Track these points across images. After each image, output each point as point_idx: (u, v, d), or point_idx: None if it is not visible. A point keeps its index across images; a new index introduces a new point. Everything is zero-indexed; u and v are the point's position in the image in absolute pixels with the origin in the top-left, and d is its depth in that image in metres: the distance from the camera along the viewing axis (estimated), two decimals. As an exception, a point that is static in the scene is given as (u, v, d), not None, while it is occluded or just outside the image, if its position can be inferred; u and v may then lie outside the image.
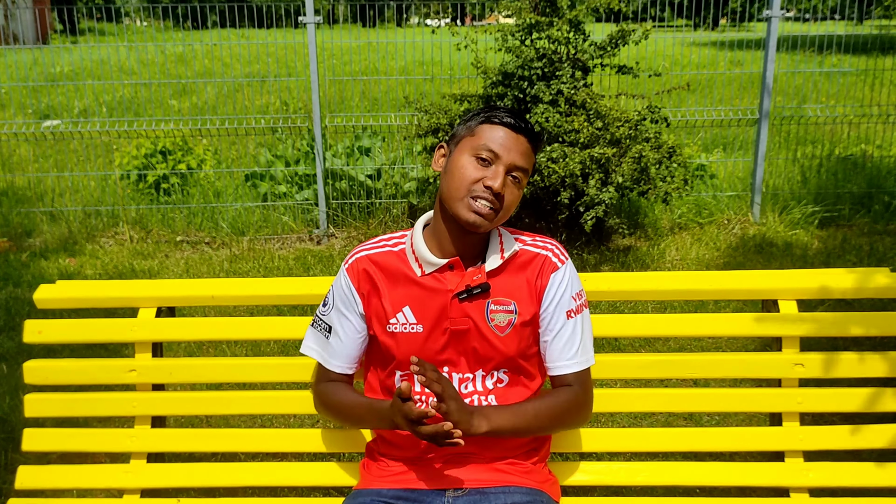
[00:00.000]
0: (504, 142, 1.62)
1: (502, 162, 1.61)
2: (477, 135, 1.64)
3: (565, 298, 1.69)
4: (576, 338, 1.70)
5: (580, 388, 1.70)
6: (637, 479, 1.89)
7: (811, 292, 1.93)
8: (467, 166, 1.62)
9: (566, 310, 1.69)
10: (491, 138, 1.63)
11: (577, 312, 1.71)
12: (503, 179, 1.60)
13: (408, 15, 11.85)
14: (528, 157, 1.65)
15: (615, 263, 5.08)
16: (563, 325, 1.69)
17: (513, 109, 1.68)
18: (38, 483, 1.98)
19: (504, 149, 1.62)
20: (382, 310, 1.69)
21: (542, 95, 4.88)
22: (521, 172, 1.64)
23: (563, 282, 1.69)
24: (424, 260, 1.67)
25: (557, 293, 1.69)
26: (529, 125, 1.66)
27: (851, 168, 6.40)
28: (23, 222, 6.06)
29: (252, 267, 5.24)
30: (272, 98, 9.15)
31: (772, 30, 5.67)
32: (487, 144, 1.62)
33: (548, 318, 1.69)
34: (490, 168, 1.61)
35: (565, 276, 1.70)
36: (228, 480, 1.96)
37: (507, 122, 1.63)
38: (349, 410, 1.73)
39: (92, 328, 2.02)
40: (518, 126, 1.64)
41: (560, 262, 1.71)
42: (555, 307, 1.69)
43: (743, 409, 1.96)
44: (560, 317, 1.69)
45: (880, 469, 1.87)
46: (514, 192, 1.65)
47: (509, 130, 1.63)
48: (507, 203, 1.63)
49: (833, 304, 3.71)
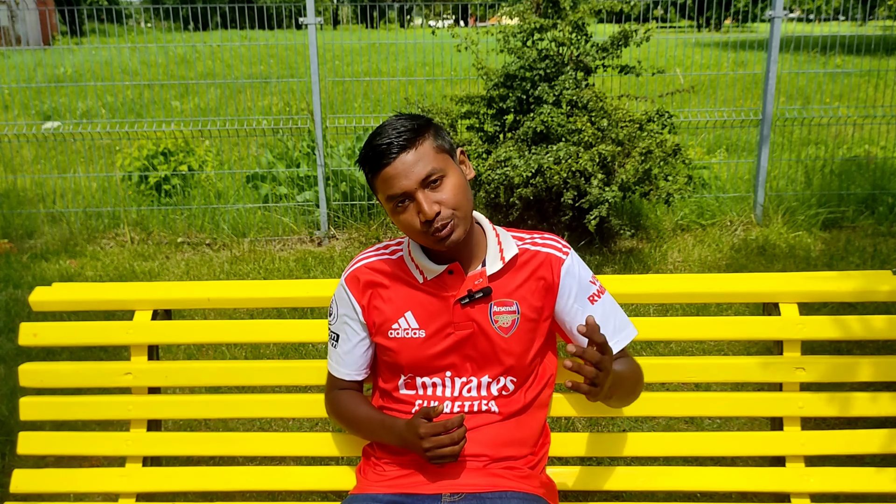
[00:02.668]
0: (395, 180, 1.53)
1: (411, 191, 1.54)
2: (379, 190, 1.59)
3: (583, 286, 1.69)
4: (608, 318, 1.69)
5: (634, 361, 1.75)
6: (637, 484, 1.88)
7: (813, 295, 1.91)
8: (402, 220, 1.57)
9: (587, 296, 1.69)
10: (387, 187, 1.55)
11: (599, 295, 1.70)
12: (427, 202, 1.53)
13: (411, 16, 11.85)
14: (424, 160, 1.54)
15: (617, 265, 5.06)
16: (590, 312, 1.68)
17: (372, 138, 1.56)
18: (34, 487, 1.96)
19: (401, 182, 1.53)
20: (384, 316, 1.69)
21: (546, 96, 4.87)
22: (435, 173, 1.55)
23: (574, 272, 1.69)
24: (424, 267, 1.66)
25: (573, 285, 1.68)
26: (396, 138, 1.54)
27: (855, 169, 6.37)
28: (24, 224, 6.06)
29: (252, 269, 5.23)
30: (275, 99, 9.15)
31: (775, 30, 5.65)
32: (389, 193, 1.56)
33: (573, 311, 1.68)
34: (411, 205, 1.56)
35: (574, 265, 1.70)
36: (225, 484, 1.95)
37: (378, 162, 1.54)
38: (361, 423, 1.74)
39: (87, 331, 2.01)
40: (388, 154, 1.53)
41: (564, 255, 1.70)
42: (575, 298, 1.68)
43: (744, 413, 1.94)
44: (584, 305, 1.68)
45: (882, 474, 1.85)
46: (447, 185, 1.56)
47: (386, 166, 1.54)
48: (451, 201, 1.55)
49: (835, 308, 3.69)
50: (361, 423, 1.74)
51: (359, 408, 1.75)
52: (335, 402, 1.80)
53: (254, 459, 2.81)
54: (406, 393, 1.71)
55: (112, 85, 8.57)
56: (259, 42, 7.37)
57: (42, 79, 9.23)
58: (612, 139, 4.81)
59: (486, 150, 5.11)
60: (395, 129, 1.55)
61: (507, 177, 4.78)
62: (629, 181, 4.75)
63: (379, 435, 1.71)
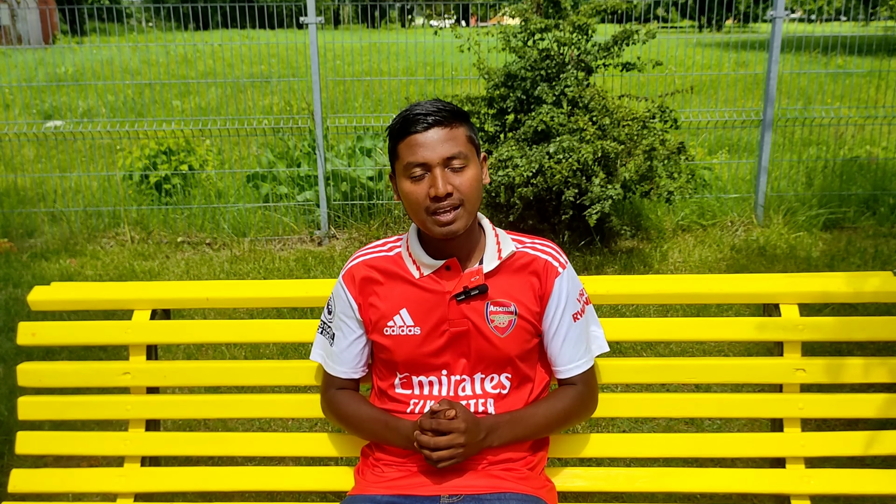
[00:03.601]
0: (422, 148, 1.56)
1: (432, 165, 1.56)
2: (400, 156, 1.59)
3: (570, 302, 1.70)
4: (582, 339, 1.72)
5: (584, 386, 1.73)
6: (636, 485, 1.87)
7: (813, 296, 1.91)
8: (410, 191, 1.58)
9: (572, 313, 1.70)
10: (409, 152, 1.57)
11: (581, 313, 1.72)
12: (443, 179, 1.55)
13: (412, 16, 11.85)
14: (453, 141, 1.57)
15: (618, 265, 5.05)
16: (568, 328, 1.69)
17: (412, 107, 1.59)
18: (32, 486, 1.96)
19: (425, 152, 1.56)
20: (379, 313, 1.69)
21: (545, 96, 4.86)
22: (459, 158, 1.57)
23: (566, 287, 1.69)
24: (421, 262, 1.67)
25: (562, 299, 1.68)
26: (434, 113, 1.57)
27: (856, 170, 6.36)
28: (24, 223, 6.06)
29: (252, 268, 5.23)
30: (275, 99, 9.14)
31: (776, 31, 5.64)
32: (410, 160, 1.57)
33: (555, 324, 1.69)
34: (426, 178, 1.57)
35: (567, 280, 1.70)
36: (224, 485, 1.94)
37: (410, 127, 1.56)
38: (364, 424, 1.73)
39: (86, 331, 2.00)
40: (424, 122, 1.56)
41: (561, 267, 1.70)
42: (561, 313, 1.69)
43: (744, 414, 1.93)
44: (566, 321, 1.69)
45: (882, 476, 1.84)
46: (466, 174, 1.58)
47: (417, 133, 1.56)
48: (464, 190, 1.57)
49: (836, 309, 3.68)
50: (364, 424, 1.73)
51: (360, 408, 1.74)
52: (333, 401, 1.79)
53: (253, 459, 2.81)
54: (402, 392, 1.71)
55: (113, 84, 8.56)
56: (260, 41, 7.36)
57: (43, 78, 9.23)
58: (613, 138, 4.81)
59: (486, 151, 5.10)
60: (435, 105, 1.58)
61: (509, 177, 4.78)
62: (631, 179, 4.74)
63: (383, 436, 1.70)
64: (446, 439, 1.55)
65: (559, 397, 1.72)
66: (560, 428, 1.74)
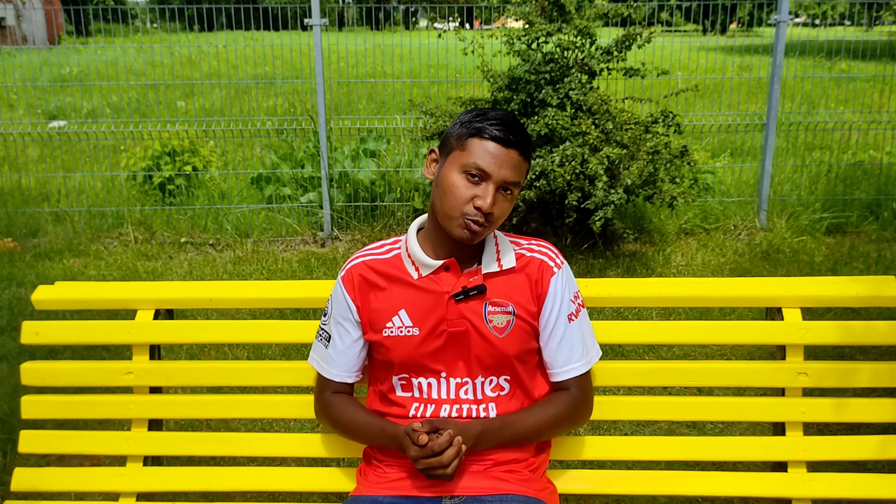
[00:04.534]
0: (494, 158, 1.57)
1: (492, 180, 1.57)
2: (467, 150, 1.59)
3: (565, 302, 1.70)
4: (578, 341, 1.71)
5: (578, 391, 1.72)
6: (638, 488, 1.87)
7: (816, 300, 1.91)
8: (458, 185, 1.58)
9: (567, 314, 1.70)
10: (480, 155, 1.57)
11: (576, 315, 1.71)
12: (493, 198, 1.57)
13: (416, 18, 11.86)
14: (519, 170, 1.60)
15: (620, 268, 5.05)
16: (565, 329, 1.69)
17: (504, 117, 1.60)
18: (34, 485, 1.96)
19: (494, 166, 1.57)
20: (378, 314, 1.69)
21: (550, 99, 4.87)
22: (513, 186, 1.60)
23: (561, 286, 1.70)
24: (420, 262, 1.67)
25: (558, 298, 1.69)
26: (520, 135, 1.60)
27: (860, 174, 6.36)
28: (28, 222, 6.07)
29: (255, 269, 5.23)
30: (280, 100, 9.16)
31: (780, 35, 5.64)
32: (477, 162, 1.57)
33: (550, 324, 1.69)
34: (480, 186, 1.58)
35: (563, 279, 1.70)
36: (226, 485, 1.94)
37: (497, 136, 1.57)
38: (359, 429, 1.73)
39: (89, 330, 2.01)
40: (508, 140, 1.57)
41: (557, 267, 1.71)
42: (557, 313, 1.68)
43: (746, 418, 1.93)
44: (562, 322, 1.69)
45: (884, 480, 1.84)
46: (505, 205, 1.61)
47: (499, 145, 1.57)
48: (496, 217, 1.60)
49: (838, 313, 3.68)
50: (360, 429, 1.73)
51: (356, 414, 1.74)
52: (328, 406, 1.78)
53: (255, 460, 2.81)
54: (402, 395, 1.71)
55: (118, 85, 8.58)
56: (264, 43, 7.38)
57: (48, 78, 9.25)
58: (616, 142, 4.81)
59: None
60: (522, 129, 1.62)
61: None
62: (634, 184, 4.74)
63: (380, 441, 1.70)
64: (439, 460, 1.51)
65: (551, 402, 1.70)
66: (552, 434, 1.73)
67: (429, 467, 1.51)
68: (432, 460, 1.50)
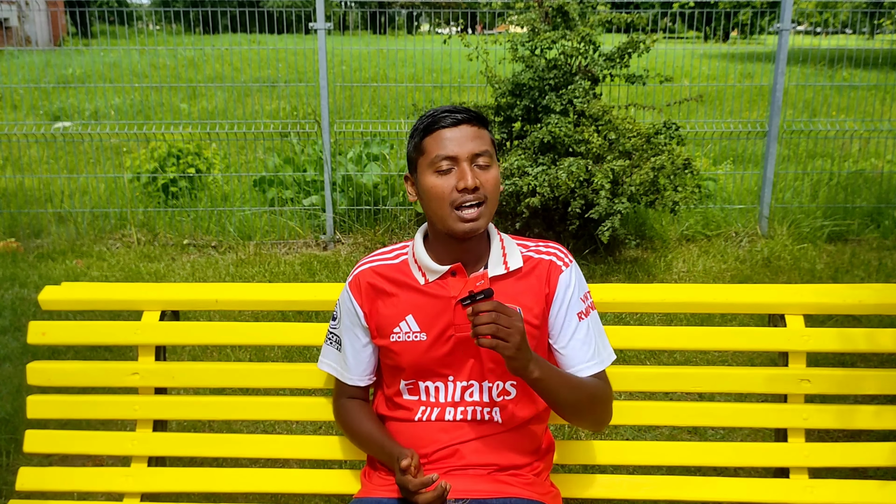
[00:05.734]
0: (451, 141, 1.60)
1: (461, 159, 1.60)
2: (426, 151, 1.62)
3: (574, 300, 1.69)
4: (590, 339, 1.70)
5: (604, 383, 1.72)
6: (640, 493, 1.88)
7: (818, 307, 1.92)
8: (435, 184, 1.61)
9: (577, 312, 1.69)
10: (438, 146, 1.61)
11: (586, 314, 1.71)
12: (472, 173, 1.59)
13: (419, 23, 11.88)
14: (480, 139, 1.62)
15: (622, 274, 5.06)
16: (576, 327, 1.68)
17: (441, 108, 1.64)
18: (39, 485, 1.97)
19: (455, 146, 1.60)
20: (386, 320, 1.70)
21: (553, 105, 4.88)
22: (485, 156, 1.62)
23: (570, 284, 1.69)
24: (427, 268, 1.68)
25: (566, 296, 1.68)
26: (464, 112, 1.62)
27: (861, 183, 6.37)
28: (31, 223, 6.08)
29: (258, 272, 5.24)
30: (282, 103, 9.18)
31: (782, 43, 5.66)
32: (439, 153, 1.60)
33: (560, 323, 1.68)
34: (453, 172, 1.60)
35: (572, 278, 1.70)
36: (229, 486, 1.95)
37: (443, 122, 1.61)
38: (363, 440, 1.77)
39: (95, 331, 2.02)
40: (455, 119, 1.61)
41: (565, 265, 1.70)
42: (566, 311, 1.68)
43: (748, 424, 1.94)
44: (572, 320, 1.69)
45: (885, 488, 1.85)
46: (490, 174, 1.62)
47: (449, 128, 1.61)
48: (488, 188, 1.61)
49: (839, 321, 3.69)
50: (363, 440, 1.77)
51: (363, 424, 1.76)
52: (342, 411, 1.81)
53: (257, 461, 2.82)
54: (409, 399, 1.71)
55: (122, 87, 8.60)
56: (268, 46, 7.39)
57: (51, 80, 9.27)
58: (619, 151, 4.82)
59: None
60: (464, 107, 1.64)
61: (516, 185, 4.80)
62: (637, 192, 4.76)
63: (378, 456, 1.73)
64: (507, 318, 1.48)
65: (587, 380, 1.68)
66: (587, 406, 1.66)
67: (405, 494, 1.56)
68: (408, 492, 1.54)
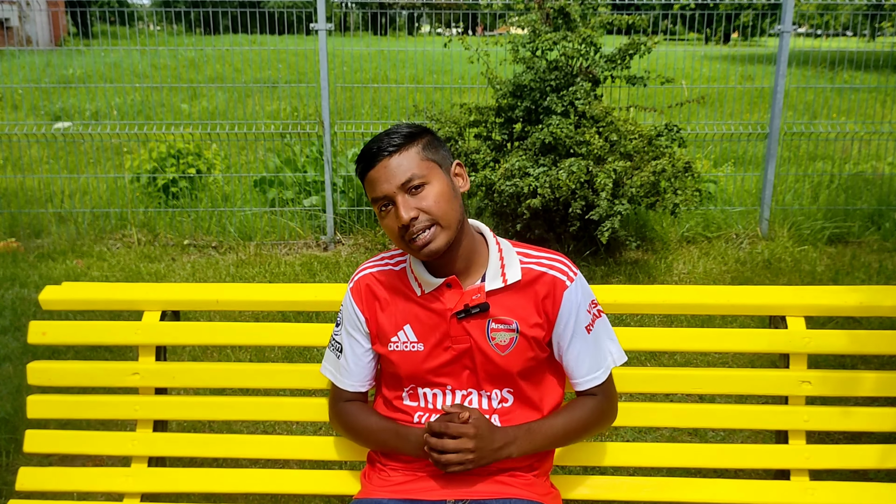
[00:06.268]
0: (378, 181, 1.57)
1: (392, 195, 1.56)
2: (367, 191, 1.62)
3: (581, 314, 1.67)
4: (598, 351, 1.70)
5: (603, 396, 1.73)
6: (640, 495, 1.88)
7: (820, 309, 1.92)
8: (385, 224, 1.61)
9: (584, 325, 1.68)
10: (371, 189, 1.59)
11: (593, 325, 1.70)
12: (405, 206, 1.55)
13: (419, 24, 11.89)
14: (406, 163, 1.57)
15: (623, 276, 5.06)
16: (583, 341, 1.68)
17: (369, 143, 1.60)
18: (39, 485, 1.97)
19: (384, 185, 1.57)
20: (384, 328, 1.70)
21: (555, 106, 4.88)
22: (415, 178, 1.56)
23: (576, 299, 1.66)
24: (422, 280, 1.67)
25: (573, 313, 1.66)
26: (384, 142, 1.58)
27: (862, 185, 6.37)
28: (31, 223, 6.08)
29: (258, 272, 5.24)
30: (283, 104, 9.18)
31: (783, 45, 5.66)
32: (374, 196, 1.59)
33: (567, 336, 1.67)
34: (392, 209, 1.58)
35: (578, 292, 1.67)
36: (229, 486, 1.95)
37: (366, 165, 1.59)
38: (372, 434, 1.74)
39: (96, 330, 2.02)
40: (376, 157, 1.57)
41: (569, 280, 1.66)
42: (573, 327, 1.66)
43: (748, 425, 1.94)
44: (579, 334, 1.67)
45: (886, 489, 1.85)
46: (428, 192, 1.57)
47: (373, 168, 1.58)
48: (431, 208, 1.56)
49: (840, 323, 3.69)
50: (373, 434, 1.74)
51: (369, 419, 1.75)
52: (341, 414, 1.79)
53: (257, 462, 2.82)
54: (409, 404, 1.72)
55: (121, 87, 8.60)
56: (268, 47, 7.39)
57: (51, 80, 9.27)
58: (620, 152, 4.82)
59: (493, 159, 5.12)
60: (388, 135, 1.59)
61: (517, 187, 4.80)
62: (638, 195, 4.76)
63: (393, 444, 1.70)
64: (454, 443, 1.55)
65: (578, 407, 1.71)
66: (579, 438, 1.73)
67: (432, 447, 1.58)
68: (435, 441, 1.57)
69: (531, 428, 1.65)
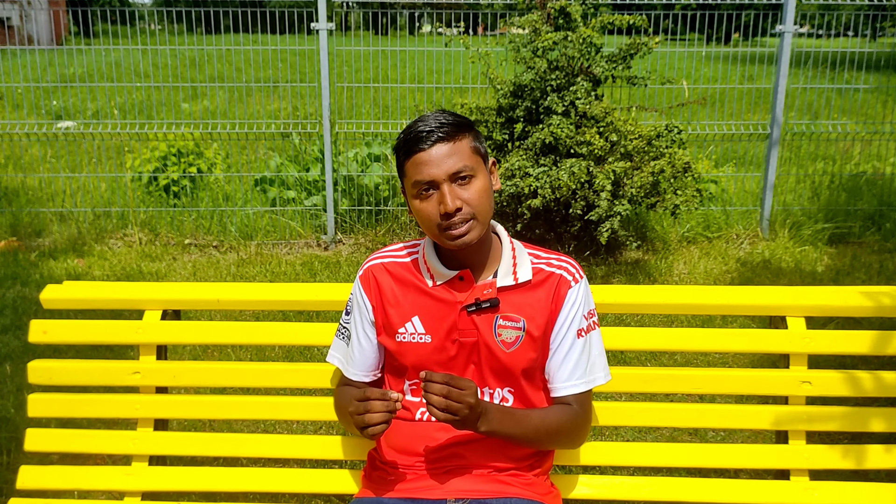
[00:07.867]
0: (427, 167, 1.56)
1: (438, 181, 1.56)
2: (407, 174, 1.60)
3: (577, 317, 1.67)
4: (583, 359, 1.68)
5: (580, 408, 1.69)
6: (640, 495, 1.88)
7: (820, 309, 1.92)
8: (420, 208, 1.59)
9: (577, 329, 1.67)
10: (416, 171, 1.57)
11: (587, 332, 1.69)
12: (451, 195, 1.55)
13: (420, 23, 11.89)
14: (458, 154, 1.57)
15: (623, 276, 5.06)
16: (572, 344, 1.67)
17: (415, 124, 1.58)
18: (40, 483, 1.98)
19: (431, 171, 1.55)
20: (392, 319, 1.69)
21: (555, 106, 4.88)
22: (465, 170, 1.57)
23: (576, 301, 1.67)
24: (435, 271, 1.67)
25: (570, 312, 1.67)
26: (436, 126, 1.56)
27: (863, 185, 6.37)
28: (32, 222, 6.09)
29: (259, 271, 5.25)
30: (283, 103, 9.18)
31: (784, 45, 5.66)
32: (417, 179, 1.57)
33: (559, 337, 1.67)
34: (435, 195, 1.57)
35: (579, 294, 1.68)
36: (230, 485, 1.96)
37: (415, 146, 1.56)
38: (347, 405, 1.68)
39: (97, 329, 2.02)
40: (427, 141, 1.56)
41: (574, 281, 1.68)
42: (567, 327, 1.67)
43: (748, 425, 1.94)
44: (570, 336, 1.67)
45: (886, 489, 1.85)
46: (474, 186, 1.57)
47: (422, 152, 1.56)
48: (474, 202, 1.57)
49: (840, 323, 3.69)
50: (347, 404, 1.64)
51: (350, 391, 1.69)
52: (335, 397, 1.79)
53: (258, 461, 2.82)
54: (410, 400, 1.72)
55: (124, 87, 8.60)
56: (269, 46, 7.39)
57: (53, 79, 9.27)
58: (621, 153, 4.82)
59: (495, 158, 5.12)
60: (438, 120, 1.58)
61: (517, 187, 4.80)
62: (638, 195, 4.76)
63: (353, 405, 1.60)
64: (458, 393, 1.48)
65: (553, 410, 1.68)
66: (550, 443, 1.69)
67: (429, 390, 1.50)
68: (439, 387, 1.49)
69: (506, 410, 1.62)
